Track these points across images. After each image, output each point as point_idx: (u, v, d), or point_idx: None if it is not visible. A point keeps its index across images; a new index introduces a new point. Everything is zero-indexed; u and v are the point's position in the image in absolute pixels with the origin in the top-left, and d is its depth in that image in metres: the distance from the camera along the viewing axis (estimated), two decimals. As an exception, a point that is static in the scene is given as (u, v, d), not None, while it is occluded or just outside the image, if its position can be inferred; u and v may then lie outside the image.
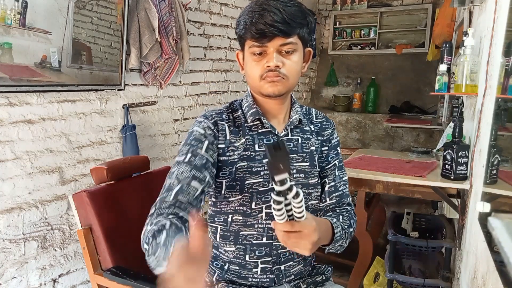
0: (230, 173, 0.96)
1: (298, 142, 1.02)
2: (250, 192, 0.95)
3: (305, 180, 1.00)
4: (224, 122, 0.98)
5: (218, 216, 1.03)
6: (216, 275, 1.07)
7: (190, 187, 0.90)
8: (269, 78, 0.91)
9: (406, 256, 2.12)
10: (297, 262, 1.04)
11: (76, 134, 1.76)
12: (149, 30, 1.96)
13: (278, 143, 0.69)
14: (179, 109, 2.42)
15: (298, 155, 1.00)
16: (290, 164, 0.68)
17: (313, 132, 1.05)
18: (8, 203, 1.50)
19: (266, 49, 0.91)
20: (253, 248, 0.99)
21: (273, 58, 0.89)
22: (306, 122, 1.06)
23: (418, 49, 4.09)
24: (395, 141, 3.99)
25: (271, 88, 0.92)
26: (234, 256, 1.02)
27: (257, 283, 1.03)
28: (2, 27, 1.37)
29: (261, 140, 0.98)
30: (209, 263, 1.09)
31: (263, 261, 1.00)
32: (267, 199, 0.96)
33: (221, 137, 0.96)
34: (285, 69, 0.91)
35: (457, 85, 1.56)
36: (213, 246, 1.09)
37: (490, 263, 0.90)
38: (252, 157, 0.97)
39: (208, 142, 0.95)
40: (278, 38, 0.89)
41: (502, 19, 1.14)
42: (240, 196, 0.96)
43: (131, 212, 1.43)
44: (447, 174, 1.65)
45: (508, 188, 1.04)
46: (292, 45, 0.91)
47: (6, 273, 1.50)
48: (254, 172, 0.96)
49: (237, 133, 0.98)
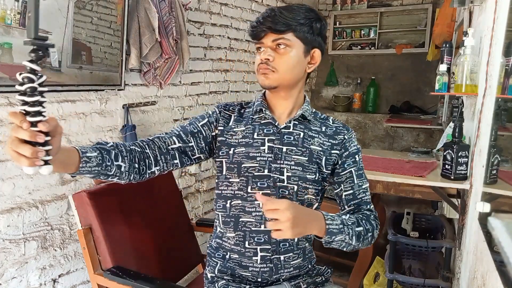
0: (228, 155, 1.06)
1: (299, 136, 1.06)
2: (246, 176, 1.04)
3: (302, 173, 1.04)
4: (230, 112, 1.11)
5: (219, 202, 1.09)
6: (219, 266, 1.11)
7: (169, 139, 1.03)
8: (261, 70, 1.01)
9: (406, 256, 2.12)
10: (296, 255, 1.07)
11: (76, 134, 1.76)
12: (149, 30, 1.96)
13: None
14: (179, 109, 2.42)
15: (297, 148, 1.05)
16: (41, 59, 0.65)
17: (322, 133, 1.08)
18: (8, 203, 1.50)
19: (262, 45, 1.01)
20: (252, 235, 1.05)
21: (265, 52, 1.00)
22: (316, 123, 1.10)
23: (418, 49, 4.09)
24: (395, 141, 3.99)
25: (262, 81, 1.02)
26: (234, 243, 1.07)
27: (257, 273, 1.05)
28: (2, 27, 1.37)
29: (261, 130, 1.06)
30: (212, 255, 1.14)
31: (262, 248, 1.04)
32: (263, 185, 1.03)
33: (222, 121, 1.09)
34: (275, 62, 0.99)
35: (457, 85, 1.56)
36: (217, 236, 1.13)
37: (490, 263, 0.90)
38: (250, 143, 1.05)
39: (209, 121, 1.08)
40: (270, 34, 0.99)
41: (502, 19, 1.14)
42: (238, 180, 1.04)
43: (131, 212, 1.43)
44: (447, 174, 1.65)
45: (508, 188, 1.04)
46: (285, 41, 0.98)
47: (6, 273, 1.50)
48: (251, 157, 1.04)
49: (240, 121, 1.09)
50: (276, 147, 1.04)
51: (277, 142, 1.05)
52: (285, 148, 1.04)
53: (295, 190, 1.04)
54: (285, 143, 1.05)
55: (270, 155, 1.04)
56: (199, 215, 2.64)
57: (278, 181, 1.03)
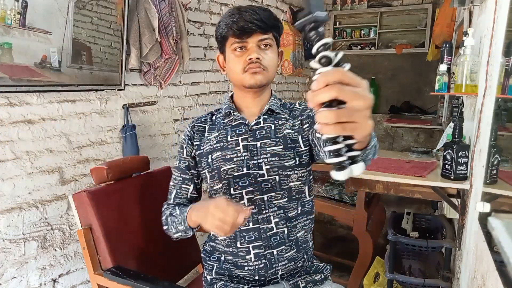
0: (208, 163, 1.09)
1: (271, 129, 1.09)
2: (227, 179, 1.06)
3: (280, 162, 1.05)
4: (201, 124, 1.15)
5: None
6: (215, 268, 1.12)
7: (182, 189, 1.15)
8: (251, 69, 1.01)
9: (406, 256, 2.12)
10: (288, 247, 1.07)
11: (76, 134, 1.76)
12: (149, 30, 1.96)
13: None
14: (179, 109, 2.42)
15: (271, 140, 1.07)
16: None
17: (291, 117, 1.12)
18: (8, 203, 1.50)
19: (246, 44, 1.02)
20: (242, 234, 1.06)
21: (254, 51, 1.01)
22: (285, 111, 1.13)
23: (418, 49, 4.10)
24: (395, 141, 3.99)
25: (253, 79, 1.02)
26: (226, 245, 1.09)
27: (253, 271, 1.06)
28: (2, 27, 1.37)
29: (233, 132, 1.08)
30: (207, 259, 1.16)
31: (254, 246, 1.05)
32: (244, 184, 1.05)
33: (197, 136, 1.13)
34: (265, 61, 1.02)
35: (457, 85, 1.56)
36: (210, 239, 1.17)
37: (490, 263, 0.90)
38: (225, 146, 1.07)
39: (187, 145, 1.13)
40: (256, 34, 1.01)
41: (502, 19, 1.14)
42: (221, 185, 1.06)
43: (131, 212, 1.43)
44: (447, 174, 1.65)
45: (508, 188, 1.04)
46: (269, 40, 1.03)
47: (6, 273, 1.50)
48: (228, 159, 1.06)
49: (213, 129, 1.12)
50: (251, 144, 1.06)
51: (251, 139, 1.06)
52: (259, 143, 1.06)
53: (277, 180, 1.04)
54: (258, 138, 1.07)
55: (246, 153, 1.05)
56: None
57: (258, 177, 1.04)
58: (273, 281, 1.08)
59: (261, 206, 1.04)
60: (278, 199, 1.05)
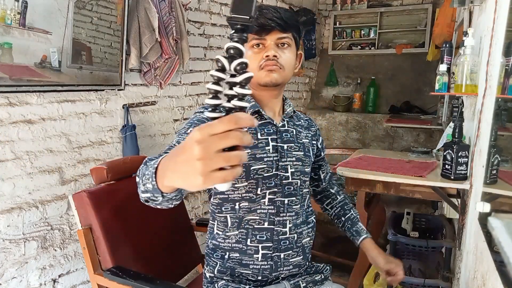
0: None
1: (293, 133, 1.10)
2: (256, 178, 1.01)
3: (302, 167, 1.08)
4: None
5: (226, 205, 1.07)
6: (218, 266, 1.10)
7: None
8: (267, 67, 1.00)
9: (406, 256, 2.12)
10: (295, 252, 1.08)
11: (76, 134, 1.76)
12: (149, 30, 1.96)
13: None
14: (179, 109, 2.42)
15: (295, 144, 1.09)
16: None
17: (302, 126, 1.15)
18: (8, 203, 1.50)
19: (264, 42, 1.01)
20: (254, 232, 1.04)
21: (271, 49, 1.00)
22: (297, 117, 1.17)
23: (418, 49, 4.09)
24: (395, 141, 3.99)
25: (268, 77, 1.01)
26: (236, 241, 1.06)
27: (258, 270, 1.05)
28: (2, 27, 1.37)
29: (262, 130, 1.05)
30: (209, 256, 1.13)
31: (263, 246, 1.04)
32: (270, 185, 1.03)
33: None
34: (282, 59, 1.01)
35: (457, 85, 1.56)
36: (213, 237, 1.12)
37: (490, 263, 0.90)
38: (255, 144, 1.03)
39: None
40: (275, 32, 1.00)
41: (502, 19, 1.14)
42: (246, 183, 1.02)
43: (131, 212, 1.43)
44: (447, 174, 1.65)
45: (508, 188, 1.04)
46: (288, 39, 1.02)
47: (6, 273, 1.50)
48: (258, 158, 1.02)
49: None
50: (279, 145, 1.06)
51: (279, 140, 1.07)
52: (286, 146, 1.07)
53: (298, 185, 1.08)
54: (284, 140, 1.07)
55: (276, 154, 1.05)
56: (199, 215, 2.64)
57: (284, 179, 1.05)
58: (274, 281, 1.08)
59: (280, 208, 1.05)
60: (296, 204, 1.08)
